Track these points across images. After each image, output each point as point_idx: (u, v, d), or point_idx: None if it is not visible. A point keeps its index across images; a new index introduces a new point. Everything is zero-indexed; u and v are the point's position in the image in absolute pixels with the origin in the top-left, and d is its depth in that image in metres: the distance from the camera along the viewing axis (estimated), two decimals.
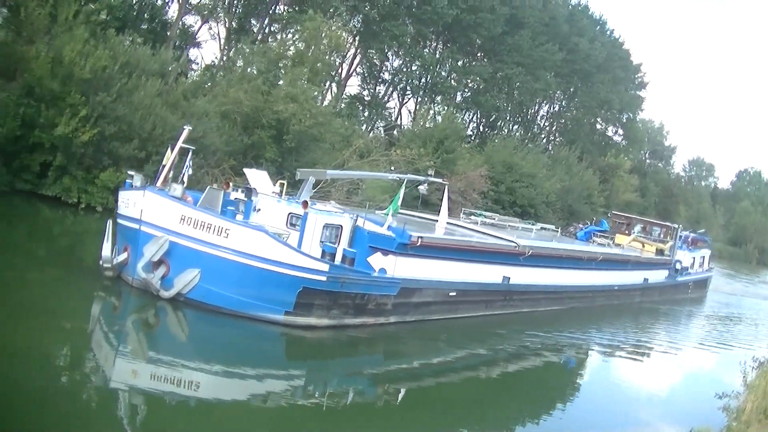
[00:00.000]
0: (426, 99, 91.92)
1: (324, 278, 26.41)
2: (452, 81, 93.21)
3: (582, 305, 45.45)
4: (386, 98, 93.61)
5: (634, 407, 27.03)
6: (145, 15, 64.54)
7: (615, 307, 49.13)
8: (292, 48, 63.29)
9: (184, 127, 28.40)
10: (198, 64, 72.39)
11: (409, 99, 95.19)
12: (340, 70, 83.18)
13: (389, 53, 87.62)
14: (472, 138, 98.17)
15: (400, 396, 24.24)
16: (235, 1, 73.90)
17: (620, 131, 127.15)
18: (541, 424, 23.94)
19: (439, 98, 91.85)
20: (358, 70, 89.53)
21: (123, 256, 26.98)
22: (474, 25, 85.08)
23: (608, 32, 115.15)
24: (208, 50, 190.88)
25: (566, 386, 29.95)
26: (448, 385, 26.39)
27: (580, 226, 60.83)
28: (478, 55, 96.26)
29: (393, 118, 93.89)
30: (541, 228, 50.93)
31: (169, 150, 28.28)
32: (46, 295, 24.96)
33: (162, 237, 25.71)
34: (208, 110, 48.89)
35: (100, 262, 26.99)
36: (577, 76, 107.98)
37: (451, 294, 33.14)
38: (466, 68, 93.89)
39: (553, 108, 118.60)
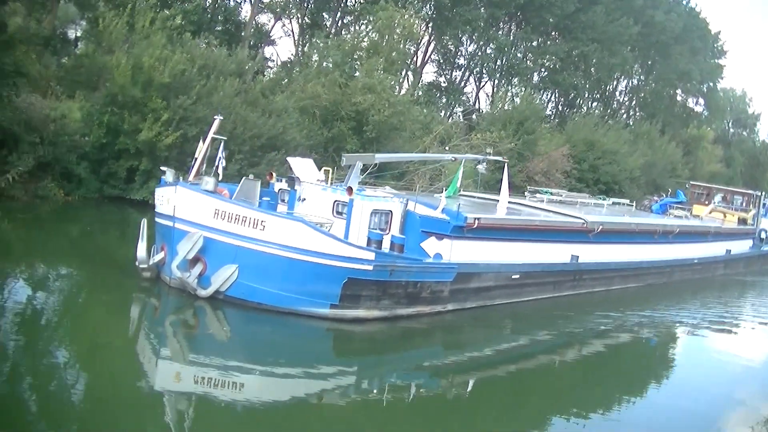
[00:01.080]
0: (503, 81, 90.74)
1: (370, 267, 24.81)
2: (528, 62, 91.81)
3: (659, 281, 43.26)
4: (463, 83, 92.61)
5: (730, 386, 25.45)
6: (219, 17, 64.86)
7: (696, 281, 46.90)
8: (366, 39, 63.10)
9: (216, 117, 26.80)
10: (274, 61, 72.66)
11: (486, 82, 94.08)
12: (415, 58, 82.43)
13: (463, 38, 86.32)
14: (552, 118, 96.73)
15: (468, 388, 22.65)
16: None
17: (701, 102, 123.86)
18: (630, 410, 22.12)
19: (516, 80, 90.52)
20: (433, 57, 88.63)
21: (160, 256, 25.78)
22: (546, 5, 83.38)
23: (684, 2, 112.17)
24: (282, 47, 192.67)
25: (650, 368, 27.99)
26: (519, 374, 24.68)
27: (655, 199, 58.52)
28: (553, 34, 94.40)
29: (471, 103, 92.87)
30: (613, 203, 48.98)
31: (201, 142, 26.91)
32: (87, 298, 25.13)
33: (196, 233, 24.37)
34: (287, 106, 48.87)
35: (137, 263, 25.81)
36: (654, 49, 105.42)
37: (514, 277, 31.21)
38: (541, 48, 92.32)
39: (632, 82, 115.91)
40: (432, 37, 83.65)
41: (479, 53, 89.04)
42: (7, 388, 16.48)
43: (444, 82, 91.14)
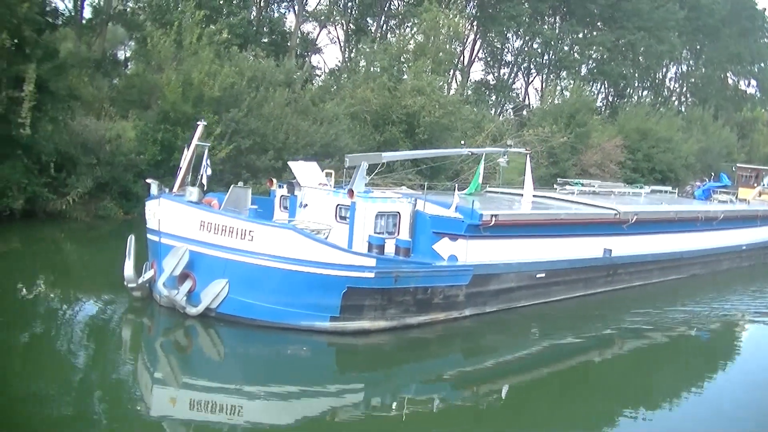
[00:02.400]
0: (551, 75, 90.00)
1: (371, 275, 22.76)
2: (575, 54, 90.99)
3: (704, 271, 39.91)
4: (511, 79, 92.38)
5: None
6: (265, 29, 64.88)
7: (745, 269, 43.62)
8: (412, 41, 62.86)
9: (198, 123, 24.66)
10: (321, 69, 72.64)
11: (535, 77, 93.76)
12: (462, 58, 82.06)
13: (509, 34, 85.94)
14: (603, 109, 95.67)
15: (497, 397, 20.97)
16: (350, 3, 73.66)
17: (753, 83, 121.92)
18: (681, 412, 20.48)
19: (564, 73, 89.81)
20: (479, 55, 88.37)
21: (149, 273, 23.84)
22: None
23: None
24: (329, 54, 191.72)
25: (703, 365, 25.56)
26: (553, 379, 22.66)
27: (697, 184, 55.79)
28: (598, 24, 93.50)
29: (521, 99, 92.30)
30: (652, 191, 46.34)
31: (185, 149, 24.62)
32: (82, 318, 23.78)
33: (181, 247, 22.67)
34: (338, 113, 48.70)
35: (125, 283, 23.77)
36: (702, 33, 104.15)
37: (538, 276, 28.70)
38: (588, 39, 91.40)
39: (681, 68, 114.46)
40: (477, 36, 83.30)
41: (526, 48, 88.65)
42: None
43: (492, 80, 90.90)
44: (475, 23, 79.87)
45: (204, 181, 24.78)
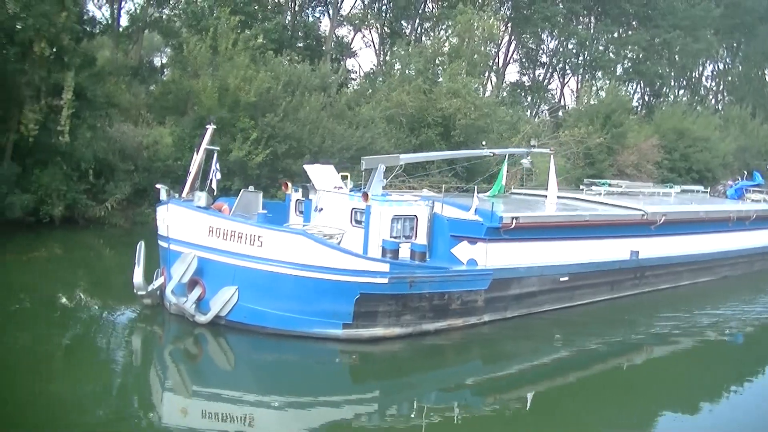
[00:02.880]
0: (587, 76, 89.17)
1: (385, 280, 22.18)
2: (610, 54, 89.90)
3: (737, 273, 38.62)
4: (547, 80, 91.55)
5: None
6: (299, 33, 64.84)
7: None
8: (446, 44, 62.64)
9: (207, 126, 24.38)
10: (356, 73, 72.57)
11: (570, 78, 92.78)
12: (497, 59, 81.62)
13: (543, 35, 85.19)
14: (639, 109, 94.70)
15: (522, 404, 20.30)
16: (385, 6, 73.56)
17: None
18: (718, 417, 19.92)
19: (599, 73, 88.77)
20: (514, 56, 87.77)
21: (159, 281, 23.75)
22: None
23: None
24: (364, 58, 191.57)
25: (735, 375, 23.90)
26: (579, 385, 21.93)
27: (730, 183, 54.24)
28: (633, 23, 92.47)
29: (556, 100, 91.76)
30: (682, 191, 44.92)
31: (195, 154, 24.37)
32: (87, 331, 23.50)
33: (189, 254, 22.24)
34: (374, 116, 48.52)
35: (135, 290, 23.68)
36: (739, 31, 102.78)
37: (562, 279, 27.89)
38: (623, 39, 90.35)
39: (718, 67, 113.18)
40: (512, 37, 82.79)
41: (561, 49, 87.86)
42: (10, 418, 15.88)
43: (528, 81, 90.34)
44: (509, 24, 79.33)
45: (214, 186, 24.48)
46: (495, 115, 56.53)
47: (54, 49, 33.94)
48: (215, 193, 24.58)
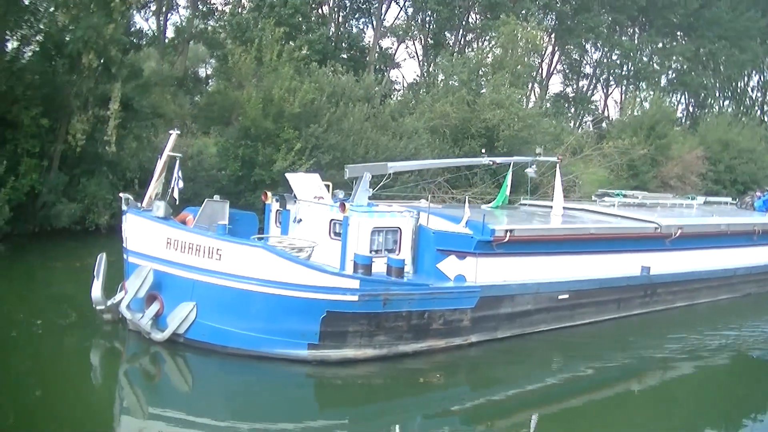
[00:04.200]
0: (630, 87, 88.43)
1: (355, 298, 20.49)
2: (655, 65, 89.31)
3: (761, 290, 35.93)
4: (590, 91, 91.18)
5: None
6: (343, 44, 64.93)
7: None
8: (490, 55, 62.39)
9: (171, 131, 23.07)
10: (400, 83, 72.54)
11: (614, 89, 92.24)
12: (540, 70, 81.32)
13: (587, 46, 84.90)
14: (683, 120, 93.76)
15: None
16: (428, 18, 73.42)
17: None
18: None
19: (643, 84, 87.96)
20: (558, 67, 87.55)
21: (120, 295, 21.87)
22: (669, 4, 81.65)
23: None
24: (407, 69, 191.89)
25: (754, 405, 22.26)
26: (584, 410, 20.64)
27: (758, 194, 49.25)
28: (678, 34, 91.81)
29: (600, 111, 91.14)
30: (705, 202, 42.57)
31: (159, 161, 22.83)
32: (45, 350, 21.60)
33: (145, 267, 20.95)
34: (417, 127, 48.28)
35: (93, 305, 22.02)
36: None
37: (561, 297, 26.06)
38: (667, 50, 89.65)
39: (764, 77, 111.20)
40: (556, 48, 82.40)
41: (605, 60, 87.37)
42: None
43: (571, 92, 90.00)
44: (553, 35, 79.05)
45: (176, 195, 22.79)
46: (538, 126, 56.00)
47: (102, 61, 34.05)
48: (177, 203, 23.08)
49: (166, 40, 55.60)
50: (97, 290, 21.89)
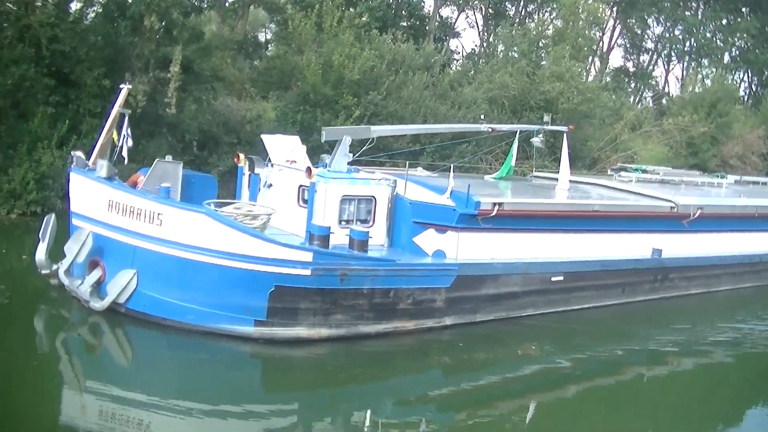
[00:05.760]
0: (692, 63, 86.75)
1: (307, 272, 18.41)
2: (718, 41, 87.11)
3: None
4: (651, 67, 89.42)
5: None
6: (403, 12, 64.32)
7: None
8: (551, 27, 61.84)
9: (122, 85, 21.06)
10: (459, 53, 71.85)
11: (675, 65, 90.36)
12: (601, 44, 79.82)
13: (649, 20, 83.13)
14: (745, 99, 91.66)
15: (504, 421, 16.88)
16: None
17: None
18: None
19: (706, 61, 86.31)
20: (619, 41, 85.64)
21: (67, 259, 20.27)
22: None
23: None
24: (467, 39, 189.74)
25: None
26: (580, 397, 18.70)
27: None
28: (743, 10, 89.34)
29: (660, 87, 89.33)
30: (736, 182, 39.30)
31: (109, 116, 21.08)
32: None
33: (84, 230, 19.54)
34: (476, 97, 47.96)
35: (38, 269, 20.62)
36: None
37: (555, 279, 23.64)
38: (732, 26, 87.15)
39: None
40: (617, 21, 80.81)
41: (667, 35, 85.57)
42: None
43: (632, 67, 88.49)
44: (615, 8, 77.53)
45: (124, 154, 21.30)
46: (598, 101, 55.21)
47: (163, 23, 34.29)
48: (125, 162, 21.67)
49: (227, 4, 55.34)
50: (41, 253, 20.47)
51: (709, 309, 28.40)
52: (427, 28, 63.87)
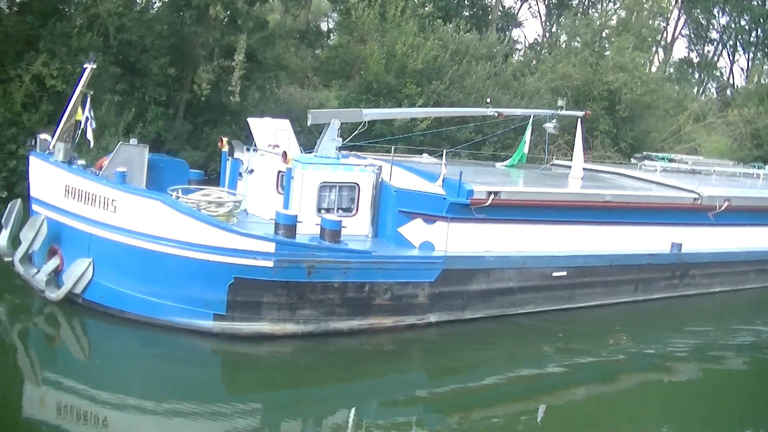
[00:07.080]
0: (758, 54, 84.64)
1: (269, 263, 17.35)
2: None
3: None
4: (716, 58, 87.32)
5: None
6: (466, 2, 63.74)
7: None
8: (614, 17, 60.86)
9: (86, 65, 19.99)
10: (521, 43, 71.17)
11: (741, 56, 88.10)
12: (665, 34, 78.22)
13: (715, 10, 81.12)
14: None
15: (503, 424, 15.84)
16: None
17: None
18: None
19: None
20: (683, 32, 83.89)
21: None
22: None
23: None
24: (529, 29, 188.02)
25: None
26: (581, 402, 17.81)
27: None
28: None
29: (725, 78, 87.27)
30: None
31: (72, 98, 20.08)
32: None
33: (39, 216, 18.74)
34: (539, 87, 47.39)
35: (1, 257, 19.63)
36: None
37: (556, 275, 22.05)
38: None
39: None
40: (682, 12, 79.19)
41: (732, 25, 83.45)
42: None
43: (696, 58, 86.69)
44: None
45: (89, 137, 20.45)
46: (661, 92, 54.27)
47: (228, 12, 34.17)
48: (91, 145, 21.20)
49: None
50: (3, 240, 19.45)
51: (731, 309, 26.84)
52: (489, 17, 63.24)
